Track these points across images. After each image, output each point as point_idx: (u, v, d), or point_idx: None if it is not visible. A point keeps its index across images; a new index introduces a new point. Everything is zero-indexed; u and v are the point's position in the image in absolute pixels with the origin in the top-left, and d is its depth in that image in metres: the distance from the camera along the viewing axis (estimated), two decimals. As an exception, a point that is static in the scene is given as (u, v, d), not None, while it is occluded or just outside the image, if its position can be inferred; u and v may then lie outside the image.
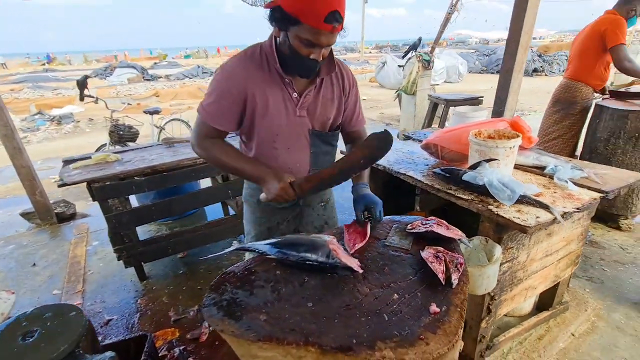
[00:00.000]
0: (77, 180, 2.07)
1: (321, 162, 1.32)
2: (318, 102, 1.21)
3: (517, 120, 1.72)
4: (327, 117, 1.25)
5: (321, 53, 1.06)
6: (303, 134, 1.23)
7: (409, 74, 4.56)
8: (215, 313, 0.89)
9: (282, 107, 1.17)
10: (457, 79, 12.94)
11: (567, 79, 2.79)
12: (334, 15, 0.96)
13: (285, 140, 1.22)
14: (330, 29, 0.99)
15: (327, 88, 1.22)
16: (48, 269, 2.63)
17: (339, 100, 1.26)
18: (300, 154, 1.26)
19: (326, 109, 1.23)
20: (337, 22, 0.98)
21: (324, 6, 0.95)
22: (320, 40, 1.01)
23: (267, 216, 1.42)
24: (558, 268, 1.71)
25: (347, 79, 1.26)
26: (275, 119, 1.17)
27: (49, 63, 34.95)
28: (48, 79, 17.71)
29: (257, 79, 1.13)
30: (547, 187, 1.52)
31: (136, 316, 2.09)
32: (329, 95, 1.23)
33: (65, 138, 7.27)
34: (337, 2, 0.97)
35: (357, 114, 1.36)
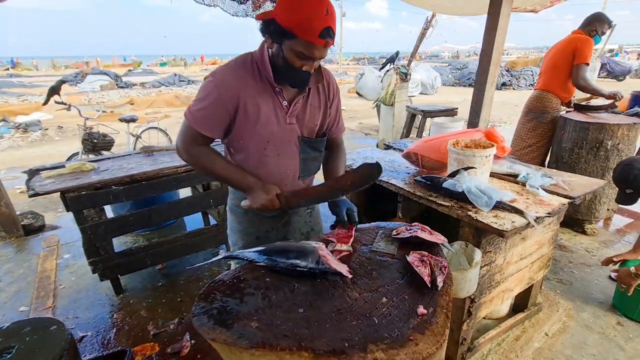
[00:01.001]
0: (51, 189, 1.98)
1: (309, 168, 1.36)
2: (306, 110, 1.25)
3: (492, 131, 1.82)
4: (314, 124, 1.29)
5: (313, 66, 1.11)
6: (293, 140, 1.26)
7: (387, 86, 4.70)
8: (206, 322, 0.88)
9: (272, 115, 1.19)
10: (432, 91, 13.42)
11: (539, 90, 2.99)
12: (328, 32, 1.02)
13: (275, 147, 1.24)
14: (324, 44, 1.04)
15: (314, 96, 1.27)
16: (14, 284, 2.47)
17: (325, 108, 1.31)
18: (290, 160, 1.29)
19: (314, 116, 1.28)
20: (331, 37, 1.04)
21: (320, 23, 1.00)
22: (314, 54, 1.06)
23: (254, 226, 1.42)
24: (532, 270, 1.80)
25: (331, 88, 1.31)
26: (267, 126, 1.19)
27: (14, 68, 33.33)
28: (12, 84, 16.86)
29: (249, 87, 1.14)
30: (521, 193, 1.61)
31: (112, 332, 2.01)
32: (316, 103, 1.27)
33: (32, 146, 6.92)
34: (331, 19, 1.02)
35: (338, 120, 1.41)
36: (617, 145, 2.65)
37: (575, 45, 2.79)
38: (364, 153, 2.34)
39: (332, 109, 1.34)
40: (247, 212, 1.43)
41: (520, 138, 3.10)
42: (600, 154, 2.70)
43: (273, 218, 1.42)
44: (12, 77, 21.57)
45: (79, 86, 15.77)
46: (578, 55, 2.76)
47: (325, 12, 1.00)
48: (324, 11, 1.00)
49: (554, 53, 2.92)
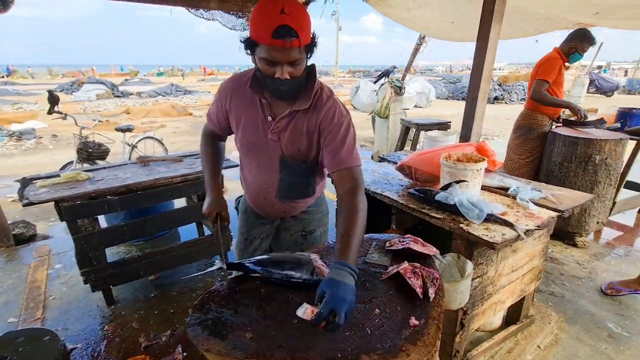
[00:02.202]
0: (45, 199, 1.98)
1: (289, 191, 1.33)
2: (288, 131, 1.21)
3: (483, 145, 1.87)
4: (296, 148, 1.23)
5: (284, 71, 1.03)
6: (274, 158, 1.25)
7: (382, 99, 4.79)
8: (200, 332, 0.89)
9: (254, 126, 1.23)
10: (426, 103, 13.65)
11: (526, 109, 3.09)
12: (282, 31, 0.95)
13: (257, 158, 1.29)
14: (282, 44, 0.97)
15: (299, 120, 1.20)
16: (3, 295, 2.43)
17: (310, 135, 1.21)
18: (269, 176, 1.30)
19: (295, 140, 1.22)
20: (290, 36, 0.96)
21: (271, 22, 0.95)
22: (275, 56, 1.00)
23: (246, 228, 1.50)
24: (523, 283, 1.82)
25: (324, 114, 1.18)
26: (248, 135, 1.25)
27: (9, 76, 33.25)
28: (8, 92, 16.80)
29: (238, 96, 1.24)
30: (511, 206, 1.65)
31: (103, 344, 1.98)
32: (299, 128, 1.20)
33: (25, 155, 6.87)
34: (288, 18, 0.95)
35: (340, 149, 1.18)
36: (605, 159, 2.72)
37: (539, 63, 2.96)
38: (359, 165, 2.37)
39: (326, 137, 1.19)
40: (244, 212, 1.52)
41: (511, 153, 3.18)
42: (589, 169, 2.76)
43: (261, 226, 1.49)
44: (7, 85, 21.49)
45: (75, 95, 15.77)
46: (540, 71, 2.91)
47: (279, 12, 0.94)
48: (277, 11, 0.94)
49: (532, 73, 3.05)
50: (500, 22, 2.06)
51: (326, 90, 1.23)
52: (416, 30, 3.83)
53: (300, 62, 1.06)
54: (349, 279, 0.91)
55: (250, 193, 1.40)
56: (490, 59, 2.12)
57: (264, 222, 1.48)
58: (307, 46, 1.05)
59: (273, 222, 1.48)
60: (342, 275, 0.91)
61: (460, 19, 3.18)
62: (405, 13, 3.14)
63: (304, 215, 1.46)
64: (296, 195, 1.37)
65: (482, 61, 2.12)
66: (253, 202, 1.42)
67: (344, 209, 1.11)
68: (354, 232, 1.03)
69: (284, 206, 1.38)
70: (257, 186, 1.34)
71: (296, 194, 1.36)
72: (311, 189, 1.39)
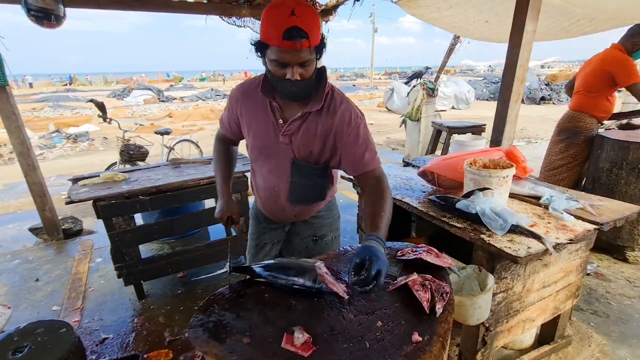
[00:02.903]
0: (84, 198, 2.14)
1: (300, 194, 1.32)
2: (301, 133, 1.21)
3: (513, 150, 1.75)
4: (309, 150, 1.22)
5: (294, 72, 1.04)
6: (285, 160, 1.25)
7: (414, 101, 4.66)
8: (201, 334, 0.91)
9: (265, 130, 1.24)
10: (464, 105, 13.09)
11: (571, 110, 2.83)
12: (291, 32, 0.96)
13: (268, 162, 1.29)
14: (291, 45, 0.98)
15: (312, 122, 1.20)
16: (50, 284, 2.66)
17: (324, 138, 1.21)
18: (279, 180, 1.30)
19: (308, 142, 1.21)
20: (300, 37, 0.97)
21: (281, 24, 0.96)
22: (285, 58, 1.02)
23: (257, 233, 1.52)
24: (557, 300, 1.68)
25: (339, 118, 1.18)
26: (258, 139, 1.27)
27: (71, 84, 36.59)
28: (68, 99, 18.45)
29: (248, 101, 1.26)
30: (542, 217, 1.52)
31: (131, 336, 2.10)
32: (313, 130, 1.20)
33: (79, 155, 7.51)
34: (298, 20, 0.96)
35: (362, 154, 1.21)
36: (662, 166, 2.44)
37: (611, 70, 2.61)
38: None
39: (343, 140, 1.20)
40: (254, 218, 1.54)
41: (550, 158, 2.93)
42: (643, 176, 2.49)
43: (272, 231, 1.49)
44: (69, 92, 23.64)
45: (125, 100, 16.99)
46: (621, 79, 2.56)
47: (289, 14, 0.96)
48: (287, 13, 0.96)
49: (589, 72, 2.74)
50: (536, 18, 1.92)
51: (338, 92, 1.23)
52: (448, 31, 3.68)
53: (311, 63, 1.07)
54: (381, 248, 1.01)
55: (261, 197, 1.41)
56: (525, 58, 1.98)
57: (275, 227, 1.49)
58: (317, 47, 1.07)
59: (284, 227, 1.49)
60: (375, 244, 1.01)
61: (495, 18, 3.01)
62: (436, 13, 3.03)
63: (314, 219, 1.46)
64: (307, 198, 1.36)
65: (515, 60, 1.98)
66: (264, 206, 1.43)
67: (371, 196, 1.19)
68: (382, 212, 1.12)
69: (294, 210, 1.38)
70: (268, 190, 1.35)
71: (307, 196, 1.36)
72: (322, 192, 1.38)
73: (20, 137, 3.10)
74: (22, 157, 3.14)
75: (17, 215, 4.31)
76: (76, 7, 3.05)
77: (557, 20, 2.97)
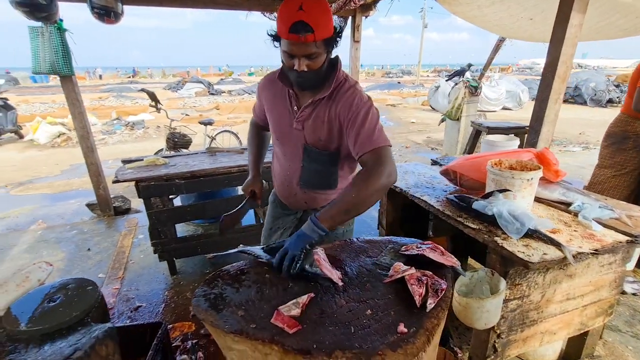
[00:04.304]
0: (128, 178, 2.37)
1: (310, 179, 1.38)
2: (310, 120, 1.27)
3: (544, 152, 1.64)
4: (317, 137, 1.28)
5: (301, 63, 1.10)
6: (297, 145, 1.34)
7: (454, 100, 4.47)
8: (202, 303, 1.00)
9: (282, 116, 1.33)
10: (517, 106, 12.24)
11: (621, 113, 2.57)
12: (297, 26, 1.03)
13: (283, 146, 1.38)
14: (296, 39, 1.05)
15: (321, 109, 1.25)
16: (99, 254, 2.98)
17: (330, 125, 1.25)
18: (292, 163, 1.39)
19: (317, 129, 1.27)
20: (305, 31, 1.03)
21: (288, 18, 1.04)
22: (292, 50, 1.09)
23: (272, 217, 1.61)
24: (584, 315, 1.56)
25: (343, 104, 1.21)
26: (276, 124, 1.36)
27: (134, 76, 39.78)
28: (130, 89, 20.12)
29: (270, 90, 1.37)
30: (568, 224, 1.42)
31: (161, 306, 2.29)
32: (321, 117, 1.26)
33: (135, 142, 8.18)
34: (305, 14, 1.02)
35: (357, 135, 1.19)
36: None
37: None
38: (407, 167, 2.29)
39: (347, 126, 1.21)
40: (272, 203, 1.63)
41: (598, 165, 2.67)
42: None
43: (285, 217, 1.56)
44: (131, 84, 25.73)
45: (179, 92, 18.13)
46: None
47: (297, 9, 1.02)
48: (295, 8, 1.02)
49: None
50: (583, 11, 1.76)
51: (349, 81, 1.27)
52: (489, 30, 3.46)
53: (318, 56, 1.12)
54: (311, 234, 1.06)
55: (277, 181, 1.52)
56: (568, 54, 1.83)
57: (288, 214, 1.56)
58: (326, 41, 1.11)
59: (296, 214, 1.55)
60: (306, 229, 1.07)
61: (540, 16, 2.77)
62: (476, 11, 2.86)
63: None
64: (317, 184, 1.40)
65: (557, 56, 1.84)
66: (279, 190, 1.53)
67: (353, 179, 1.16)
68: (347, 196, 1.09)
69: (305, 196, 1.43)
70: (283, 174, 1.45)
71: (316, 182, 1.40)
72: (332, 179, 1.40)
73: (82, 122, 3.48)
74: (82, 140, 3.52)
75: (79, 192, 4.84)
76: (133, 4, 3.33)
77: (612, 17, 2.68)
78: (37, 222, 3.76)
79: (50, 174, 5.85)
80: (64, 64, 3.06)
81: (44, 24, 2.97)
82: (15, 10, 2.87)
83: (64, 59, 3.05)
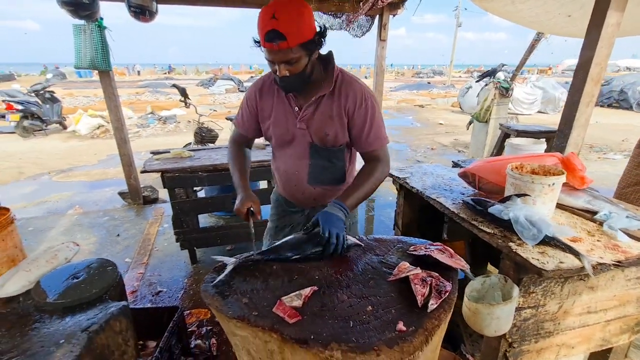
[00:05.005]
0: (155, 169, 2.49)
1: (319, 176, 1.39)
2: (315, 117, 1.28)
3: (570, 158, 1.56)
4: (325, 132, 1.29)
5: (280, 69, 1.13)
6: (303, 145, 1.34)
7: (483, 101, 4.32)
8: (210, 289, 1.04)
9: (284, 118, 1.32)
10: (554, 109, 11.63)
11: None
12: (270, 35, 1.05)
13: (288, 147, 1.37)
14: (271, 47, 1.08)
15: (326, 105, 1.27)
16: (127, 240, 3.15)
17: (339, 119, 1.28)
18: (299, 163, 1.38)
19: (324, 125, 1.29)
20: (278, 39, 1.05)
21: (263, 26, 1.07)
22: (270, 57, 1.12)
23: (277, 215, 1.61)
24: (607, 331, 1.48)
25: (351, 99, 1.26)
26: (279, 127, 1.34)
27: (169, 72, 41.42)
28: (165, 85, 20.96)
29: (266, 95, 1.35)
30: (592, 234, 1.35)
31: (180, 292, 2.40)
32: (328, 113, 1.27)
33: (166, 135, 8.55)
34: (277, 22, 1.04)
35: (367, 134, 1.30)
36: None
37: None
38: (426, 168, 2.25)
39: (355, 121, 1.28)
40: (275, 201, 1.64)
41: (626, 174, 2.48)
42: None
43: (292, 214, 1.56)
44: (167, 80, 26.82)
45: (210, 89, 18.70)
46: None
47: (270, 17, 1.04)
48: (269, 16, 1.04)
49: None
50: (622, 9, 1.65)
51: (347, 74, 1.29)
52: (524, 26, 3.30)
53: (298, 60, 1.13)
54: (340, 213, 1.16)
55: (282, 181, 1.51)
56: (602, 55, 1.72)
57: (295, 211, 1.57)
58: (304, 45, 1.10)
59: (303, 211, 1.56)
60: (334, 210, 1.17)
61: (579, 12, 2.61)
62: (510, 6, 2.74)
63: None
64: (326, 180, 1.42)
65: (591, 57, 1.73)
66: (284, 189, 1.52)
67: (362, 172, 1.32)
68: (359, 185, 1.27)
69: (314, 192, 1.45)
70: (289, 173, 1.44)
71: (326, 178, 1.42)
72: (340, 174, 1.43)
73: (117, 115, 3.69)
74: (117, 132, 3.73)
75: (113, 181, 5.13)
76: (167, 3, 3.49)
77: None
78: (75, 207, 4.03)
79: (88, 163, 6.24)
80: (102, 59, 3.26)
81: (86, 22, 3.17)
82: (61, 9, 3.09)
83: (102, 54, 3.25)
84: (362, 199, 1.28)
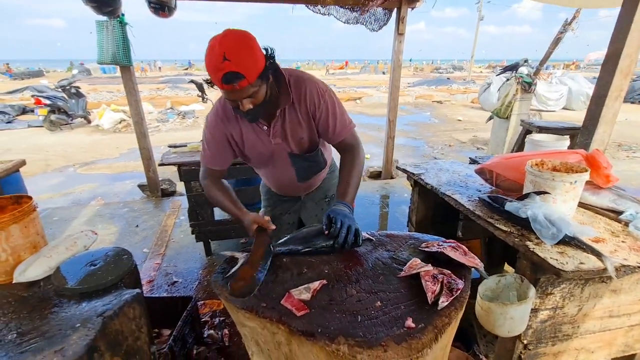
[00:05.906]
0: (172, 162, 2.54)
1: (306, 174, 1.48)
2: (287, 128, 1.29)
3: (595, 155, 1.49)
4: (299, 137, 1.33)
5: (244, 105, 1.09)
6: (283, 156, 1.37)
7: (505, 96, 4.19)
8: (220, 280, 1.05)
9: (257, 139, 1.31)
10: (581, 106, 11.15)
11: None
12: (227, 77, 1.00)
13: (270, 163, 1.40)
14: (231, 88, 1.03)
15: (291, 114, 1.27)
16: (145, 231, 3.24)
17: (307, 122, 1.30)
18: (285, 171, 1.44)
19: (296, 132, 1.31)
20: (237, 79, 1.01)
21: (216, 70, 1.01)
22: (232, 97, 1.08)
23: (271, 205, 1.65)
24: (630, 337, 1.41)
25: (309, 100, 1.26)
26: (255, 148, 1.33)
27: (189, 68, 42.12)
28: (184, 81, 21.32)
29: (230, 122, 1.28)
30: (616, 234, 1.29)
31: (195, 283, 2.45)
32: (295, 120, 1.29)
33: (185, 130, 8.71)
34: (230, 64, 0.99)
35: (333, 127, 1.31)
36: None
37: None
38: (442, 164, 2.20)
39: (319, 117, 1.29)
40: (266, 193, 1.68)
41: None
42: None
43: (287, 201, 1.63)
44: (187, 76, 27.27)
45: (228, 84, 18.88)
46: None
47: (221, 60, 0.99)
48: (220, 59, 0.99)
49: None
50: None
51: (296, 76, 1.26)
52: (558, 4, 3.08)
53: (257, 92, 1.10)
54: (346, 210, 1.20)
55: (274, 185, 1.59)
56: (634, 46, 1.63)
57: (286, 200, 1.64)
58: (261, 75, 1.07)
59: (296, 199, 1.64)
60: (341, 207, 1.21)
61: None
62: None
63: (322, 183, 1.63)
64: (311, 174, 1.52)
65: (620, 48, 1.64)
66: (277, 189, 1.60)
67: (345, 164, 1.36)
68: (348, 179, 1.30)
69: (306, 185, 1.54)
70: (279, 181, 1.53)
71: (312, 173, 1.52)
72: (323, 163, 1.51)
73: (137, 109, 3.78)
74: (136, 126, 3.83)
75: (133, 174, 5.28)
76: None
77: None
78: (97, 198, 4.18)
79: (110, 156, 6.45)
80: (123, 55, 3.34)
81: (108, 18, 3.25)
82: (86, 5, 3.18)
83: (123, 50, 3.33)
84: (357, 188, 1.33)
